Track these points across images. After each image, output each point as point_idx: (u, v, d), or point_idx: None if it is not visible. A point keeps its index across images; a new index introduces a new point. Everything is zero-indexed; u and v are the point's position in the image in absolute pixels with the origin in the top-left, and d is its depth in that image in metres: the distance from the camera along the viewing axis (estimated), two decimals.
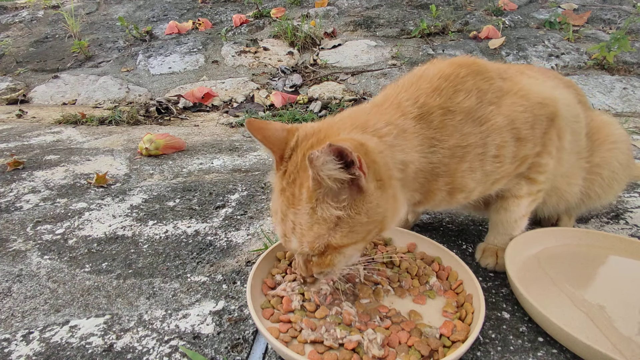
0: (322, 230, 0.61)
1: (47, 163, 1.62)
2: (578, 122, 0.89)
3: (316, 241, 0.61)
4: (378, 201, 0.61)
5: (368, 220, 0.62)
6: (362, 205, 0.61)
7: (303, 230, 0.62)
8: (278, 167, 0.67)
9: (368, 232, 0.63)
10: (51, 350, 0.68)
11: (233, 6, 4.11)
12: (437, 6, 3.52)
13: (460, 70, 0.74)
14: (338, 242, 0.62)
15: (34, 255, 0.97)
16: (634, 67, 2.78)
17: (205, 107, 2.65)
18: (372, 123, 0.67)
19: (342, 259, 0.65)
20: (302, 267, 0.67)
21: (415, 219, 1.04)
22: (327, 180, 0.57)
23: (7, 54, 3.55)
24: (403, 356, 0.62)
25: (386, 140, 0.66)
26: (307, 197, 0.61)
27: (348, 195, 0.60)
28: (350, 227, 0.61)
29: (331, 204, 0.60)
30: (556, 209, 0.98)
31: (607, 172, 0.96)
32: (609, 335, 0.66)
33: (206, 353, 0.67)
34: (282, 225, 0.65)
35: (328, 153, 0.54)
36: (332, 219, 0.60)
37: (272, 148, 0.67)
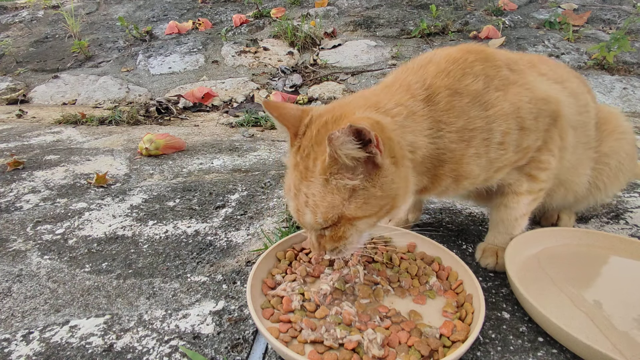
0: (336, 200, 0.63)
1: (47, 163, 1.62)
2: (587, 112, 0.90)
3: (330, 211, 0.63)
4: (392, 177, 0.64)
5: (382, 194, 0.63)
6: (378, 179, 0.63)
7: (316, 200, 0.64)
8: (292, 143, 0.70)
9: (381, 207, 0.65)
10: (51, 350, 0.68)
11: (233, 6, 4.11)
12: (437, 6, 3.52)
13: (468, 55, 0.75)
14: (352, 213, 0.64)
15: (34, 255, 0.97)
16: (634, 67, 2.78)
17: (205, 107, 2.65)
18: (383, 103, 0.69)
19: (354, 232, 0.67)
20: (314, 244, 0.69)
21: (415, 218, 1.04)
22: (344, 158, 0.59)
23: (7, 54, 3.55)
24: (403, 356, 0.62)
25: (397, 121, 0.67)
26: (320, 170, 0.63)
27: (364, 169, 0.62)
28: (365, 199, 0.63)
29: (346, 175, 0.62)
30: (564, 200, 0.98)
31: (614, 161, 0.97)
32: (609, 335, 0.66)
33: (206, 353, 0.67)
34: (295, 200, 0.68)
35: (348, 133, 0.56)
36: (346, 190, 0.63)
37: (287, 125, 0.70)
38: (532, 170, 0.82)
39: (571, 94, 0.86)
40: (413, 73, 0.75)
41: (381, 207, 0.65)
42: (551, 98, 0.79)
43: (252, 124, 2.26)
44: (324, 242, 0.68)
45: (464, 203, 1.21)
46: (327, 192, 0.63)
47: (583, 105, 0.88)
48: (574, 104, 0.86)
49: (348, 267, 0.82)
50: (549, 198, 0.94)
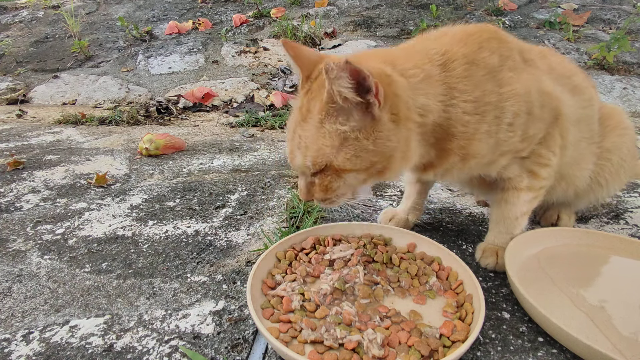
0: (326, 146, 0.62)
1: (47, 163, 1.62)
2: (591, 107, 0.91)
3: (319, 156, 0.63)
4: (389, 134, 0.62)
5: (374, 149, 0.62)
6: (372, 133, 0.62)
7: (308, 143, 0.63)
8: (303, 86, 0.69)
9: (372, 164, 0.64)
10: (51, 350, 0.68)
11: (233, 6, 4.11)
12: (437, 6, 3.52)
13: (484, 32, 0.75)
14: (340, 164, 0.63)
15: (34, 255, 0.97)
16: (634, 67, 2.78)
17: (205, 107, 2.65)
18: (401, 62, 0.68)
19: (342, 185, 0.66)
20: (302, 189, 0.69)
21: (415, 219, 1.04)
22: (337, 96, 0.58)
23: (7, 54, 3.54)
24: (403, 356, 0.62)
25: (412, 82, 0.67)
26: (318, 109, 0.62)
27: (360, 118, 0.61)
28: (355, 151, 0.62)
29: (340, 120, 0.61)
30: (565, 195, 0.98)
31: (616, 157, 0.97)
32: (609, 335, 0.66)
33: (206, 353, 0.67)
34: (290, 142, 0.68)
35: (343, 69, 0.55)
36: (338, 136, 0.62)
37: (300, 65, 0.70)
38: (533, 165, 0.82)
39: (577, 87, 0.87)
40: (431, 41, 0.75)
41: (372, 164, 0.64)
42: (554, 95, 0.79)
43: (252, 124, 2.26)
44: (314, 190, 0.68)
45: (464, 203, 1.21)
46: (320, 136, 0.63)
47: (587, 100, 0.89)
48: (579, 100, 0.86)
49: (348, 267, 0.82)
50: (549, 193, 0.94)
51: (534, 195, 0.85)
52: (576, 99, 0.86)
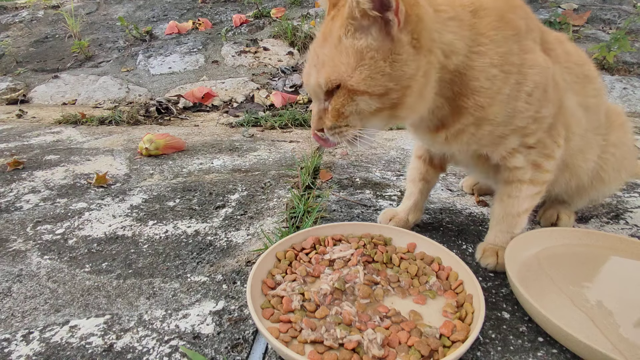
0: (341, 63, 0.62)
1: (47, 163, 1.62)
2: (600, 96, 0.91)
3: (333, 73, 0.62)
4: (407, 58, 0.61)
5: (391, 73, 0.61)
6: (389, 55, 0.60)
7: (325, 60, 0.63)
8: (329, 12, 0.68)
9: (386, 91, 0.62)
10: (51, 350, 0.68)
11: (233, 6, 4.11)
12: None
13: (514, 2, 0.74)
14: (353, 83, 0.61)
15: (34, 255, 0.97)
16: (634, 67, 2.78)
17: (205, 107, 2.65)
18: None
19: (354, 108, 0.65)
20: (314, 118, 0.69)
21: (416, 219, 1.04)
22: (357, 12, 0.58)
23: (7, 54, 3.55)
24: (403, 356, 0.62)
25: (440, 16, 0.65)
26: (338, 26, 0.62)
27: (377, 36, 0.60)
28: (370, 72, 0.61)
29: (357, 35, 0.60)
30: (567, 186, 0.98)
31: (619, 153, 0.97)
32: (609, 335, 0.66)
33: (206, 353, 0.67)
34: (308, 63, 0.67)
35: None
36: (354, 53, 0.61)
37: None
38: (538, 157, 0.81)
39: (588, 76, 0.88)
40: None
41: (387, 91, 0.62)
42: (560, 86, 0.79)
43: (252, 124, 2.26)
44: (325, 117, 0.67)
45: (464, 203, 1.21)
46: (337, 52, 0.62)
47: (597, 89, 0.90)
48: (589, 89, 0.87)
49: (348, 267, 0.82)
50: (552, 184, 0.94)
51: (536, 190, 0.85)
52: (587, 89, 0.87)
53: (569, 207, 1.07)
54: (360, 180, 1.39)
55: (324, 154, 1.68)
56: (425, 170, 1.00)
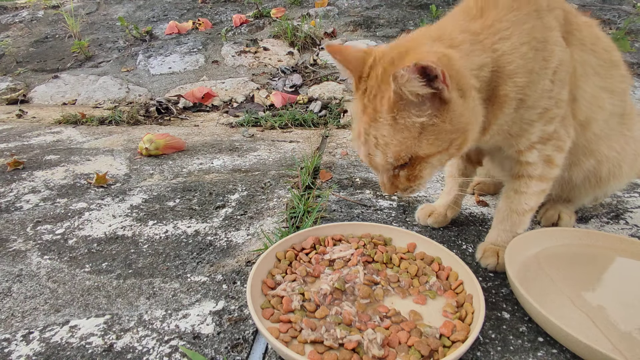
0: (406, 139, 0.63)
1: (47, 163, 1.62)
2: (625, 82, 0.91)
3: (401, 150, 0.64)
4: (461, 110, 0.63)
5: (452, 128, 0.63)
6: (447, 114, 0.62)
7: (387, 140, 0.64)
8: (357, 87, 0.70)
9: (451, 142, 0.65)
10: (51, 350, 0.68)
11: (233, 6, 4.11)
12: (437, 6, 3.52)
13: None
14: (425, 151, 0.64)
15: (34, 255, 0.97)
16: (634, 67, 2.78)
17: (205, 107, 2.65)
18: (448, 33, 0.68)
19: (429, 169, 0.68)
20: (385, 184, 0.70)
21: (454, 215, 1.04)
22: (408, 94, 0.59)
23: (7, 54, 3.54)
24: (403, 356, 0.62)
25: (462, 49, 0.66)
26: (387, 108, 0.63)
27: (431, 105, 0.61)
28: (435, 135, 0.63)
29: (413, 112, 0.61)
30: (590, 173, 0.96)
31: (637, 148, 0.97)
32: (609, 335, 0.66)
33: (206, 353, 0.67)
34: (365, 146, 0.68)
35: (413, 71, 0.56)
36: (415, 127, 0.62)
37: (350, 68, 0.70)
38: (552, 150, 0.81)
39: (614, 62, 0.87)
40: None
41: (452, 141, 0.65)
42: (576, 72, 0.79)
43: (252, 124, 2.26)
44: (397, 182, 0.69)
45: (464, 203, 1.21)
46: (397, 131, 0.63)
47: (622, 75, 0.90)
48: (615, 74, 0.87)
49: (348, 267, 0.82)
50: (577, 168, 0.93)
51: (544, 186, 0.84)
52: (613, 73, 0.87)
53: (570, 206, 1.07)
54: (360, 180, 1.39)
55: (323, 154, 1.68)
56: (464, 167, 1.01)
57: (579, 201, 1.07)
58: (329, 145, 1.81)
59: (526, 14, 0.70)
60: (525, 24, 0.70)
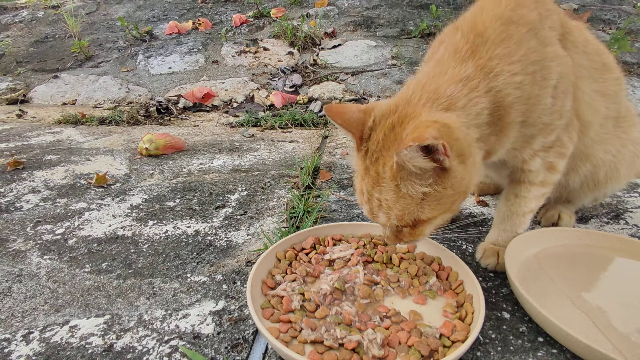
0: (409, 206, 0.65)
1: (47, 163, 1.62)
2: (619, 85, 0.91)
3: (405, 216, 0.65)
4: (462, 174, 0.64)
5: (453, 192, 0.65)
6: (448, 181, 0.63)
7: (390, 204, 0.65)
8: (359, 148, 0.70)
9: (453, 202, 0.67)
10: (51, 350, 0.68)
11: (233, 6, 4.11)
12: (437, 6, 3.52)
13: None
14: (427, 215, 0.66)
15: (34, 255, 0.97)
16: (634, 67, 2.78)
17: (205, 107, 2.65)
18: (443, 90, 0.67)
19: (430, 228, 0.70)
20: (390, 237, 0.72)
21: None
22: (412, 167, 0.60)
23: (7, 54, 3.54)
24: (403, 356, 0.62)
25: (459, 105, 0.66)
26: (391, 176, 0.64)
27: (432, 174, 0.63)
28: (437, 200, 0.65)
29: (416, 182, 0.63)
30: (587, 178, 0.97)
31: (635, 150, 0.97)
32: (609, 335, 0.66)
33: (206, 353, 0.67)
34: (368, 204, 0.70)
35: (416, 150, 0.57)
36: (418, 195, 0.64)
37: (351, 130, 0.71)
38: (555, 157, 0.81)
39: (606, 64, 0.87)
40: (459, 28, 0.73)
41: (454, 201, 0.67)
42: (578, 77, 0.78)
43: (252, 124, 2.26)
44: (401, 236, 0.71)
45: (464, 203, 1.21)
46: (400, 198, 0.65)
47: (616, 78, 0.90)
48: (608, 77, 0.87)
49: (348, 267, 0.82)
50: (573, 174, 0.93)
51: (545, 190, 0.84)
52: (606, 77, 0.86)
53: (570, 207, 1.07)
54: None
55: (324, 154, 1.68)
56: None
57: (578, 202, 1.07)
58: (329, 145, 1.81)
59: (517, 41, 0.69)
60: (517, 52, 0.69)
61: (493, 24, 0.69)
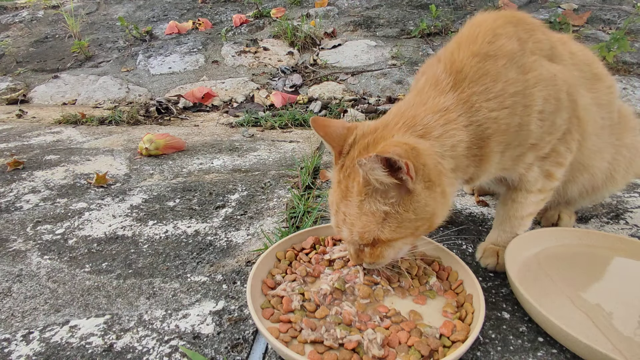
0: (370, 223, 0.65)
1: (47, 163, 1.62)
2: (612, 94, 0.90)
3: (365, 233, 0.66)
4: (426, 200, 0.64)
5: (416, 217, 0.65)
6: (410, 204, 0.64)
7: (353, 221, 0.66)
8: (336, 161, 0.72)
9: (416, 228, 0.67)
10: (51, 350, 0.68)
11: (233, 6, 4.11)
12: (437, 6, 3.52)
13: (497, 19, 0.73)
14: (387, 236, 0.66)
15: (34, 255, 0.97)
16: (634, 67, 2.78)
17: (205, 107, 2.65)
18: (420, 118, 0.68)
19: (391, 251, 0.69)
20: (352, 256, 0.73)
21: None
22: (375, 182, 0.61)
23: (7, 54, 3.55)
24: (403, 356, 0.62)
25: (433, 135, 0.67)
26: (357, 191, 0.65)
27: (396, 194, 0.64)
28: (398, 223, 0.65)
29: (379, 200, 0.64)
30: (584, 187, 0.98)
31: (630, 154, 0.98)
32: (609, 335, 0.66)
33: (206, 353, 0.67)
34: (335, 216, 0.71)
35: (375, 161, 0.58)
36: (379, 214, 0.64)
37: (332, 144, 0.72)
38: (552, 166, 0.81)
39: (597, 74, 0.87)
40: (441, 61, 0.73)
41: (417, 227, 0.67)
42: (573, 86, 0.78)
43: (252, 124, 2.26)
44: (362, 256, 0.71)
45: (464, 203, 1.21)
46: (362, 214, 0.65)
47: (608, 87, 0.89)
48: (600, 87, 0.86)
49: (348, 267, 0.82)
50: (571, 185, 0.94)
51: (543, 196, 0.85)
52: (597, 86, 0.86)
53: (570, 207, 1.07)
54: None
55: (324, 154, 1.68)
56: None
57: (577, 205, 1.07)
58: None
59: (493, 78, 0.69)
60: (494, 89, 0.69)
61: (470, 61, 0.70)
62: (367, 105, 2.43)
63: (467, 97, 0.69)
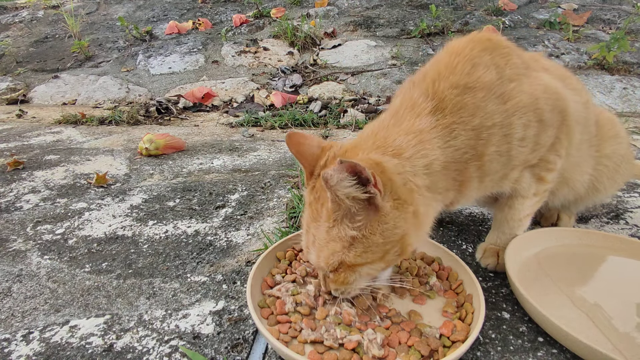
0: (336, 248, 0.63)
1: (47, 163, 1.62)
2: (588, 109, 0.90)
3: (330, 257, 0.63)
4: (395, 221, 0.61)
5: (384, 241, 0.62)
6: (377, 226, 0.61)
7: (321, 244, 0.64)
8: (308, 182, 0.70)
9: (385, 252, 0.63)
10: (51, 350, 0.68)
11: (233, 6, 4.11)
12: (437, 6, 3.52)
13: (474, 45, 0.72)
14: (351, 260, 0.63)
15: (34, 255, 0.97)
16: (634, 67, 2.77)
17: (205, 107, 2.65)
18: (392, 139, 0.67)
19: (357, 277, 0.66)
20: (322, 282, 0.70)
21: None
22: (345, 199, 0.58)
23: (7, 54, 3.55)
24: (403, 356, 0.62)
25: (404, 155, 0.65)
26: (326, 216, 0.63)
27: (364, 216, 0.61)
28: (364, 247, 0.62)
29: (347, 225, 0.61)
30: (566, 198, 0.98)
31: (613, 163, 0.97)
32: (609, 335, 0.66)
33: (206, 353, 0.67)
34: (305, 237, 0.68)
35: (341, 170, 0.55)
36: (346, 238, 0.62)
37: (304, 163, 0.70)
38: (541, 171, 0.81)
39: (574, 89, 0.86)
40: (417, 86, 0.72)
41: (386, 251, 0.63)
42: (560, 94, 0.77)
43: (252, 124, 2.26)
44: (329, 281, 0.68)
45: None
46: (330, 239, 0.63)
47: (584, 103, 0.88)
48: (579, 101, 0.85)
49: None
50: (552, 197, 0.94)
51: (538, 199, 0.85)
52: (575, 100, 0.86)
53: (569, 208, 1.07)
54: None
55: None
56: None
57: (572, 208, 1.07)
58: None
59: (471, 112, 0.68)
60: (472, 122, 0.68)
61: (450, 93, 0.69)
62: (367, 105, 2.43)
63: (449, 123, 0.68)
